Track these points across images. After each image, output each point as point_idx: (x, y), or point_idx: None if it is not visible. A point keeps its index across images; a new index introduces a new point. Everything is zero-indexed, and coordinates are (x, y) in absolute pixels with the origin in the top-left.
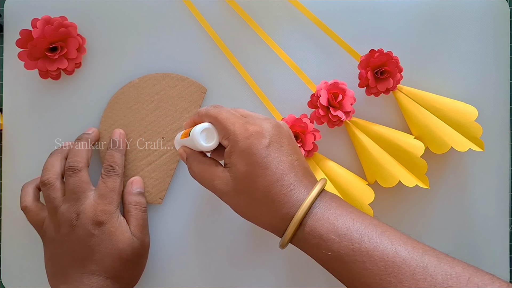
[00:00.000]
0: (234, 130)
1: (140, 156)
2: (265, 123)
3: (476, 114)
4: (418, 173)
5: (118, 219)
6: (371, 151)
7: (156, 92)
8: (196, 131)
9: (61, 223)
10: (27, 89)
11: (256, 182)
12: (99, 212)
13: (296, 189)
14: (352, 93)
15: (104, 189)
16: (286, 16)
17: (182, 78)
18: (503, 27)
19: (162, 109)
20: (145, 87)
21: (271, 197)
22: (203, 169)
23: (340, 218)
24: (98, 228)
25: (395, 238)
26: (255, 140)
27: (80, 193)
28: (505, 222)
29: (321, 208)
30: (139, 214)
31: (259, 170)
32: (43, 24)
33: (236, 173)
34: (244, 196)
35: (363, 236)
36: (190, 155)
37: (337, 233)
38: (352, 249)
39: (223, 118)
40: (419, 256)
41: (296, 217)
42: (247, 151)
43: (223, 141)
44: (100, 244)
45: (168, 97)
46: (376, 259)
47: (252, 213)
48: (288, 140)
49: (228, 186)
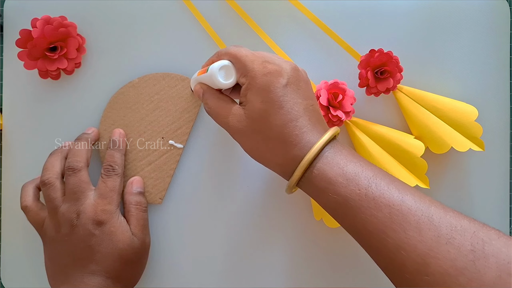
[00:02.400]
0: (252, 67)
1: (140, 156)
2: (284, 64)
3: (476, 114)
4: (418, 173)
5: (119, 219)
6: (371, 151)
7: (156, 92)
8: (215, 68)
9: (61, 223)
10: (27, 89)
11: (270, 120)
12: (99, 212)
13: (308, 132)
14: (352, 93)
15: (104, 189)
16: (286, 16)
17: (182, 78)
18: (503, 27)
19: (162, 109)
20: (145, 87)
21: (283, 137)
22: (218, 104)
23: (349, 164)
24: (98, 228)
25: (403, 188)
26: (273, 78)
27: (80, 193)
28: (505, 222)
29: (331, 153)
30: (140, 214)
31: (274, 108)
32: (43, 24)
33: (251, 110)
34: (257, 134)
35: (371, 183)
36: (206, 91)
37: (345, 177)
38: (358, 194)
39: (243, 55)
40: (425, 207)
41: (306, 158)
42: (264, 88)
43: (240, 79)
44: (101, 244)
45: (168, 97)
46: (382, 206)
47: (262, 153)
48: (306, 84)
49: (241, 123)
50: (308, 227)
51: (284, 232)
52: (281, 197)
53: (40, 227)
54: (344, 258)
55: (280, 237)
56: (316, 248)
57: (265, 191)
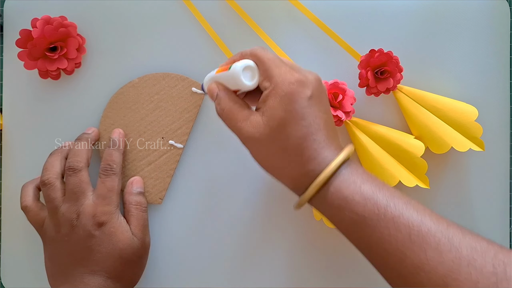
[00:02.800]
0: (279, 73)
1: (140, 156)
2: (309, 74)
3: (476, 114)
4: (418, 173)
5: (119, 219)
6: (371, 151)
7: (156, 92)
8: (238, 67)
9: (61, 223)
10: (27, 89)
11: (289, 130)
12: (99, 213)
13: (326, 148)
14: (352, 93)
15: (103, 190)
16: (286, 16)
17: (182, 78)
18: (503, 27)
19: (162, 109)
20: (145, 87)
21: (301, 150)
22: (233, 107)
23: (366, 183)
24: (98, 229)
25: (421, 209)
26: (299, 88)
27: (80, 193)
28: (505, 222)
29: (347, 171)
30: (140, 214)
31: (296, 119)
32: (43, 24)
33: (271, 118)
34: (273, 143)
35: (389, 202)
36: (222, 90)
37: (363, 196)
38: (377, 214)
39: (270, 59)
40: (444, 228)
41: (323, 174)
42: (288, 96)
43: (263, 83)
44: (101, 244)
45: (168, 97)
46: (401, 226)
47: (276, 164)
48: (326, 98)
49: (257, 130)
50: (308, 227)
51: (284, 232)
52: (281, 197)
53: (40, 227)
54: (344, 258)
55: (280, 237)
56: (316, 248)
57: (265, 191)
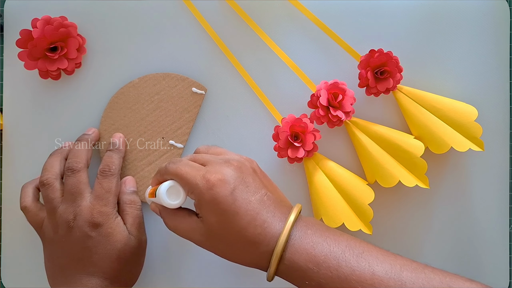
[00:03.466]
0: (196, 184)
1: (140, 156)
2: (225, 168)
3: (476, 114)
4: (418, 173)
5: (115, 220)
6: (371, 151)
7: (156, 92)
8: (162, 191)
9: (59, 224)
10: (27, 89)
11: (229, 229)
12: (96, 214)
13: (270, 225)
14: (352, 93)
15: (100, 191)
16: (286, 16)
17: (182, 78)
18: (503, 27)
19: (162, 109)
20: (145, 87)
21: (247, 240)
22: (177, 221)
23: (317, 246)
24: (95, 230)
25: (372, 258)
26: (219, 189)
27: (78, 194)
28: (505, 222)
29: (297, 239)
30: (135, 212)
31: (230, 217)
32: (43, 24)
33: (209, 224)
34: (221, 243)
35: (340, 262)
36: (162, 211)
37: (315, 262)
38: (331, 277)
39: (183, 173)
40: (397, 274)
41: (275, 254)
42: (213, 202)
43: (190, 195)
44: (98, 245)
45: (168, 97)
46: (354, 283)
47: (233, 256)
48: (253, 177)
49: (204, 236)
50: None
51: None
52: None
53: (39, 227)
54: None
55: None
56: None
57: None
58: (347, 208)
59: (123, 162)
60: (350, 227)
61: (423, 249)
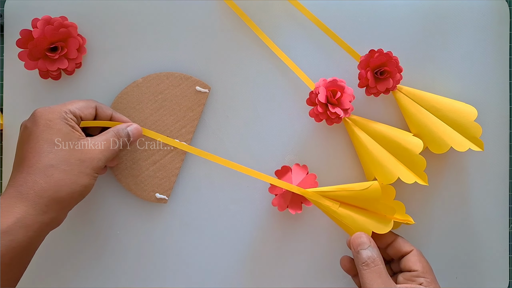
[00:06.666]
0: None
1: (144, 156)
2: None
3: (476, 114)
4: (417, 170)
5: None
6: (370, 148)
7: (159, 92)
8: None
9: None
10: (27, 89)
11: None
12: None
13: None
14: (351, 91)
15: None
16: (286, 16)
17: (186, 77)
18: (503, 27)
19: (166, 108)
20: (148, 86)
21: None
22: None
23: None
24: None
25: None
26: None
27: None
28: (505, 222)
29: None
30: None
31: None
32: (44, 24)
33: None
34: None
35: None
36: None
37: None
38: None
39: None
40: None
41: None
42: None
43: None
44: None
45: (172, 96)
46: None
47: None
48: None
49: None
50: (312, 229)
51: (285, 232)
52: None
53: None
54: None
55: (284, 237)
56: (316, 246)
57: (267, 191)
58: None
59: (128, 162)
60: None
61: (423, 249)
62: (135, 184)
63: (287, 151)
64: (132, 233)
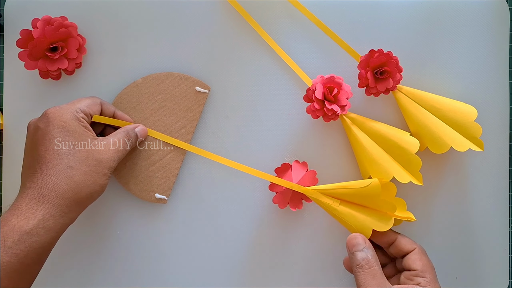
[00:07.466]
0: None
1: (144, 156)
2: None
3: (476, 114)
4: (413, 169)
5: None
6: (366, 146)
7: (159, 92)
8: None
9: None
10: (27, 89)
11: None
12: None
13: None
14: (348, 88)
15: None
16: (286, 16)
17: (186, 77)
18: (503, 27)
19: (165, 109)
20: (148, 86)
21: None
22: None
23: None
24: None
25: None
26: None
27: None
28: (505, 222)
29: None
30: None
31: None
32: (44, 24)
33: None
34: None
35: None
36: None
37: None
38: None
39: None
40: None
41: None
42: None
43: None
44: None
45: (172, 96)
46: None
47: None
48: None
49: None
50: (313, 231)
51: (285, 231)
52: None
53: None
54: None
55: (285, 237)
56: (316, 245)
57: (266, 190)
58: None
59: (127, 162)
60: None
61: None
62: (135, 184)
63: (287, 150)
64: (132, 233)
